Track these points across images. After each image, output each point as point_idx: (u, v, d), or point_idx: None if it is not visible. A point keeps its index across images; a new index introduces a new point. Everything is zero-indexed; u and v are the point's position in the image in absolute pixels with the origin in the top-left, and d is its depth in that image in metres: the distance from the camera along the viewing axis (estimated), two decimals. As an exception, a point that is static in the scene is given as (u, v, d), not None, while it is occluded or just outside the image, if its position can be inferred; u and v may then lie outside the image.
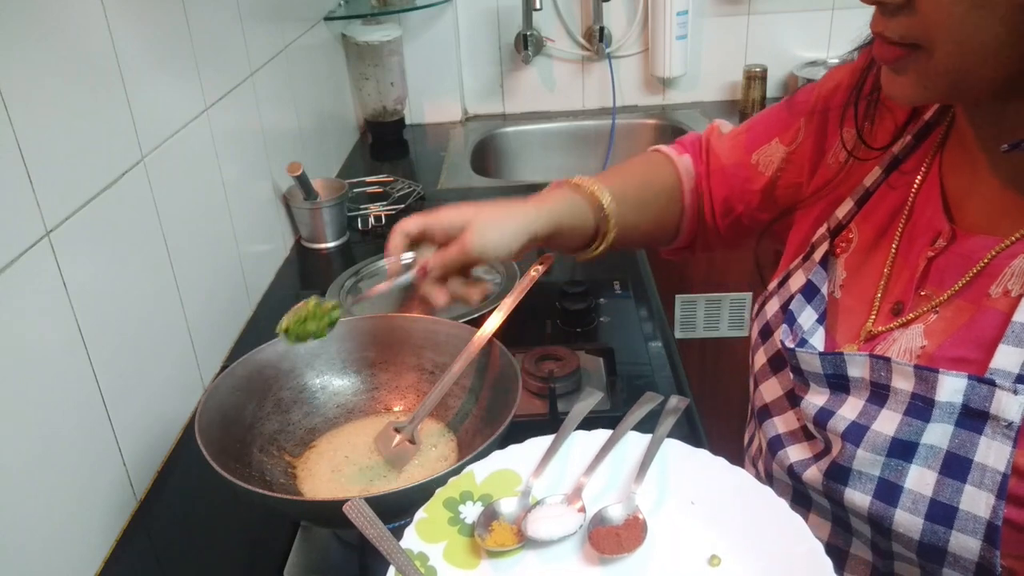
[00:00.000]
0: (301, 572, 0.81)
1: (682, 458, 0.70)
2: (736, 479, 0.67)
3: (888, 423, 0.63)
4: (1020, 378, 0.58)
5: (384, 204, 1.63)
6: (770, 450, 0.74)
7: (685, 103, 2.13)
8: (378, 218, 1.58)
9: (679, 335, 1.88)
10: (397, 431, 0.84)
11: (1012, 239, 0.63)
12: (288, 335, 0.79)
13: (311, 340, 0.80)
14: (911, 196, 0.72)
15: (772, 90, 2.04)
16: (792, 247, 0.83)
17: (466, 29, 2.07)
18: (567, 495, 0.68)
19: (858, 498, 0.64)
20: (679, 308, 1.86)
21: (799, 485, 0.71)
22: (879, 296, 0.71)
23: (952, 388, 0.60)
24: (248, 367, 0.87)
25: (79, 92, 0.84)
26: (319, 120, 1.73)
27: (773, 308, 0.78)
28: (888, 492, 0.62)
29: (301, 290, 1.40)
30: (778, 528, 0.62)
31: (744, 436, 0.87)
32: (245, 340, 1.22)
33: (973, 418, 0.60)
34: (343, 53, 1.94)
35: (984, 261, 0.64)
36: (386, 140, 2.04)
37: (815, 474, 0.68)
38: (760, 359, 0.78)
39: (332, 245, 1.51)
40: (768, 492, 0.65)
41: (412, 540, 0.64)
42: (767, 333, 0.77)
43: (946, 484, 0.60)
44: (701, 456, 0.70)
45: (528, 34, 2.02)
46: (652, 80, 2.11)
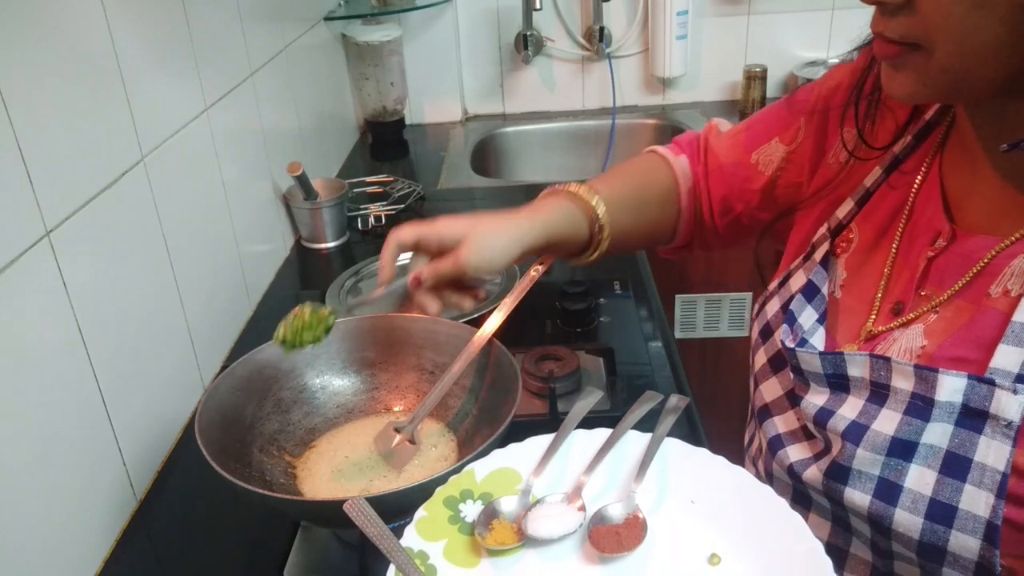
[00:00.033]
0: (301, 572, 0.81)
1: (682, 457, 0.70)
2: (736, 478, 0.67)
3: (888, 423, 0.63)
4: (1020, 378, 0.58)
5: (384, 204, 1.63)
6: (770, 450, 0.74)
7: (685, 103, 2.13)
8: (378, 218, 1.58)
9: (679, 335, 1.88)
10: (397, 431, 0.84)
11: (1012, 239, 0.63)
12: (285, 345, 0.78)
13: (308, 347, 0.80)
14: (911, 196, 0.72)
15: (772, 90, 2.04)
16: (793, 247, 0.83)
17: (466, 29, 2.07)
18: (567, 494, 0.68)
19: (858, 497, 0.64)
20: (679, 308, 1.86)
21: (799, 485, 0.71)
22: (879, 296, 0.71)
23: (952, 388, 0.60)
24: (248, 367, 0.87)
25: (79, 92, 0.84)
26: (319, 120, 1.73)
27: (774, 308, 0.78)
28: (888, 491, 0.62)
29: (301, 290, 1.40)
30: (778, 527, 0.62)
31: (744, 436, 0.87)
32: (245, 340, 1.22)
33: (973, 418, 0.60)
34: (343, 53, 1.94)
35: (984, 261, 0.64)
36: (386, 140, 2.04)
37: (815, 474, 0.68)
38: (760, 359, 0.78)
39: (332, 245, 1.51)
40: (768, 491, 0.65)
41: (412, 538, 0.64)
42: (767, 333, 0.77)
43: (946, 483, 0.60)
44: (701, 455, 0.70)
45: (528, 34, 2.02)
46: (652, 80, 2.11)
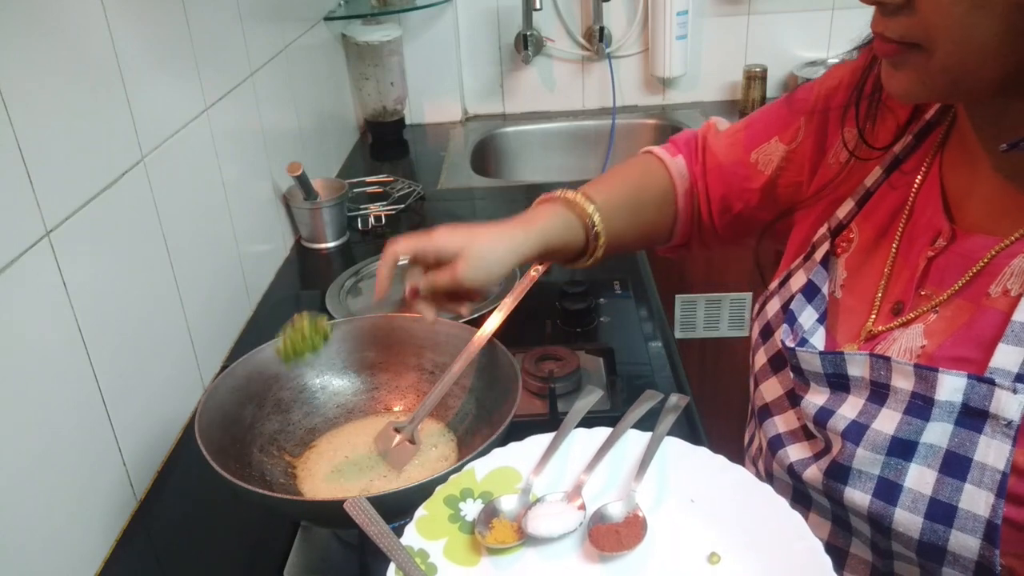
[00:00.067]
0: (301, 572, 0.81)
1: (682, 456, 0.71)
2: (736, 477, 0.67)
3: (888, 422, 0.63)
4: (1020, 377, 0.58)
5: (384, 204, 1.63)
6: (770, 449, 0.74)
7: (685, 103, 2.13)
8: (378, 218, 1.58)
9: (679, 335, 1.88)
10: (397, 431, 0.84)
11: (1012, 239, 0.63)
12: (286, 360, 0.83)
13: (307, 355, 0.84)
14: (911, 196, 0.72)
15: (772, 90, 2.04)
16: (793, 247, 0.83)
17: (466, 29, 2.07)
18: (567, 493, 0.68)
19: (858, 497, 0.64)
20: (679, 308, 1.86)
21: (799, 484, 0.71)
22: (879, 296, 0.71)
23: (952, 387, 0.60)
24: (248, 367, 0.87)
25: (79, 92, 0.84)
26: (319, 120, 1.73)
27: (774, 308, 0.78)
28: (888, 491, 0.62)
29: (301, 290, 1.40)
30: (777, 526, 0.62)
31: (744, 436, 0.87)
32: (245, 340, 1.22)
33: (973, 417, 0.60)
34: (343, 53, 1.94)
35: (984, 260, 0.64)
36: (386, 140, 2.04)
37: (815, 473, 0.68)
38: (761, 359, 0.78)
39: (332, 245, 1.51)
40: (767, 490, 0.65)
41: (412, 537, 0.64)
42: (768, 333, 0.77)
43: (946, 483, 0.60)
44: (701, 454, 0.70)
45: (528, 34, 2.02)
46: (652, 80, 2.11)
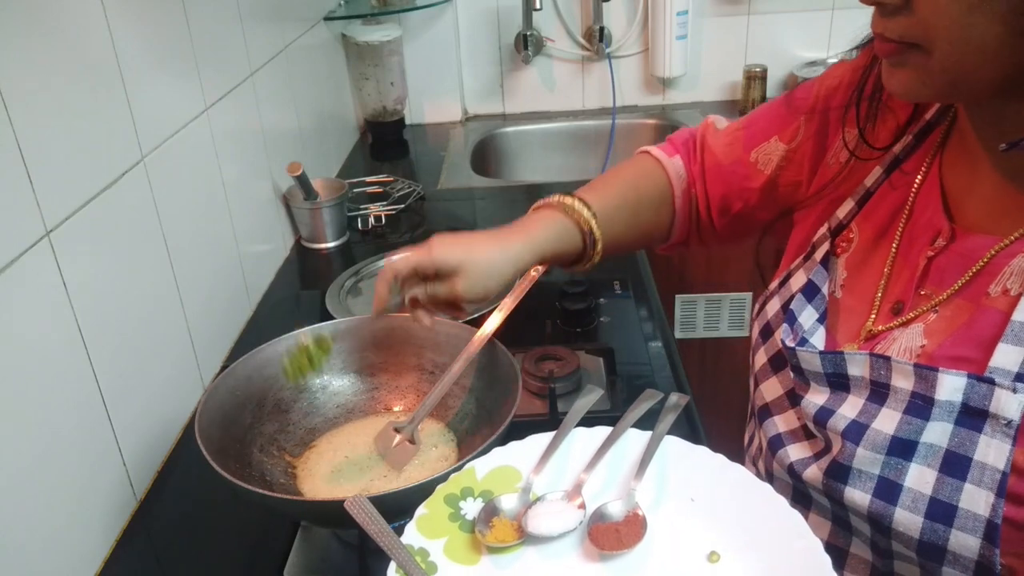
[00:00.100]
0: (301, 572, 0.81)
1: (682, 455, 0.71)
2: (735, 476, 0.67)
3: (888, 422, 0.63)
4: (1019, 376, 0.58)
5: (384, 204, 1.63)
6: (770, 449, 0.74)
7: (685, 103, 2.13)
8: (378, 218, 1.58)
9: (679, 335, 1.88)
10: (397, 431, 0.84)
11: (1012, 238, 0.63)
12: (293, 380, 0.90)
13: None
14: (911, 196, 0.72)
15: (772, 90, 2.04)
16: (793, 247, 0.83)
17: (466, 29, 2.07)
18: (567, 491, 0.68)
19: (858, 496, 0.64)
20: (679, 308, 1.86)
21: (799, 484, 0.71)
22: (879, 295, 0.71)
23: (952, 387, 0.60)
24: (248, 367, 0.87)
25: (79, 92, 0.84)
26: (319, 120, 1.73)
27: (774, 308, 0.78)
28: (888, 490, 0.62)
29: (301, 290, 1.40)
30: (777, 524, 0.62)
31: (744, 436, 0.87)
32: (245, 340, 1.22)
33: (973, 416, 0.60)
34: (343, 53, 1.94)
35: (984, 260, 0.64)
36: (386, 140, 2.04)
37: (815, 473, 0.68)
38: (761, 358, 0.78)
39: (332, 245, 1.51)
40: (767, 489, 0.65)
41: (413, 536, 0.64)
42: (768, 332, 0.77)
43: (946, 482, 0.60)
44: (701, 453, 0.70)
45: (528, 34, 2.02)
46: (652, 80, 2.11)
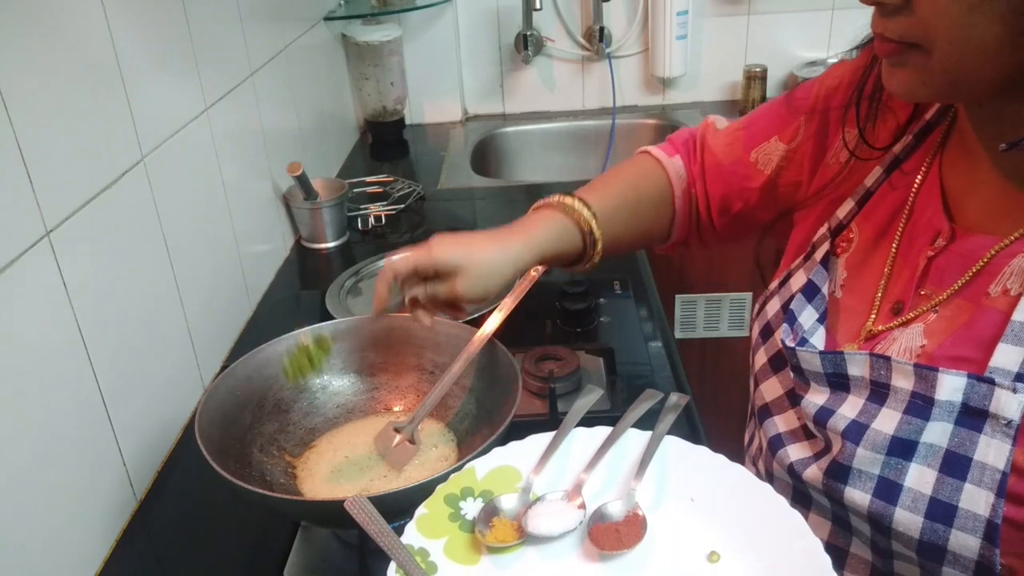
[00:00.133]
0: (301, 572, 0.81)
1: (682, 455, 0.71)
2: (735, 476, 0.67)
3: (888, 422, 0.63)
4: (1019, 376, 0.58)
5: (384, 204, 1.63)
6: (770, 449, 0.74)
7: (685, 103, 2.13)
8: (378, 218, 1.58)
9: (679, 335, 1.88)
10: (397, 431, 0.84)
11: (1011, 238, 0.63)
12: (293, 380, 0.90)
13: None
14: (911, 196, 0.72)
15: (772, 90, 2.04)
16: (793, 247, 0.83)
17: (466, 29, 2.07)
18: (567, 491, 0.68)
19: (858, 496, 0.64)
20: (679, 308, 1.86)
21: (799, 484, 0.71)
22: (879, 295, 0.71)
23: (952, 387, 0.60)
24: (248, 367, 0.87)
25: (79, 92, 0.84)
26: (319, 120, 1.73)
27: (774, 308, 0.78)
28: (888, 490, 0.62)
29: (301, 290, 1.40)
30: (777, 524, 0.62)
31: (744, 436, 0.87)
32: (245, 340, 1.22)
33: (973, 416, 0.60)
34: (343, 53, 1.94)
35: (984, 260, 0.64)
36: (386, 140, 2.04)
37: (815, 473, 0.68)
38: (761, 358, 0.78)
39: (332, 245, 1.51)
40: (767, 488, 0.65)
41: (413, 536, 0.64)
42: (768, 332, 0.77)
43: (946, 482, 0.60)
44: (701, 453, 0.70)
45: (528, 34, 2.02)
46: (652, 80, 2.11)
